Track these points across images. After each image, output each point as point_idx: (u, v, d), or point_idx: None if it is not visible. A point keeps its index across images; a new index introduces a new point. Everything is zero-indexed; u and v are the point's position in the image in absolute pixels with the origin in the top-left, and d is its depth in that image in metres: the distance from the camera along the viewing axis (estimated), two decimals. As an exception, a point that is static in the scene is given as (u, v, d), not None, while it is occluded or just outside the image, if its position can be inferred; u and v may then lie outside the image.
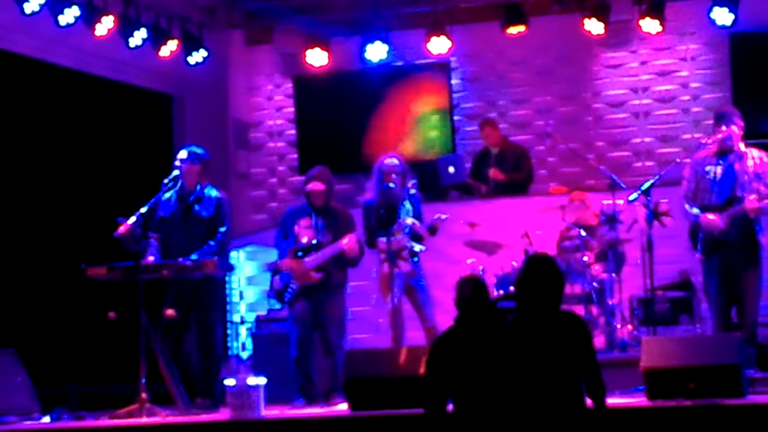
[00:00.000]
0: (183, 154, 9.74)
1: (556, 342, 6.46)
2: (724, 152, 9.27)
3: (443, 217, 10.08)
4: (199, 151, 9.80)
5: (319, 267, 9.76)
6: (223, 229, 9.68)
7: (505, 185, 12.78)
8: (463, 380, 6.69)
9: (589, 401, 6.52)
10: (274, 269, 10.00)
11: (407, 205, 10.02)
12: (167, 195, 9.69)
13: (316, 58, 13.58)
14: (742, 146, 9.29)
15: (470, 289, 6.92)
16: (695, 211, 9.25)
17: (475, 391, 6.65)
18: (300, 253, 9.80)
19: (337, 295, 9.90)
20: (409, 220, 9.96)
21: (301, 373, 9.74)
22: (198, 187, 9.74)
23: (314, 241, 9.82)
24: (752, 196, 9.04)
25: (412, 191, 10.11)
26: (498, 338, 6.69)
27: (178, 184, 9.70)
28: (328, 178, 9.97)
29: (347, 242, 9.70)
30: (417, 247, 9.96)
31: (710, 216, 9.16)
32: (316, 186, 9.89)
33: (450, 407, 6.81)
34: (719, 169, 9.25)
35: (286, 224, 10.00)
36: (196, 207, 9.72)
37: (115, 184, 12.32)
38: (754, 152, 9.27)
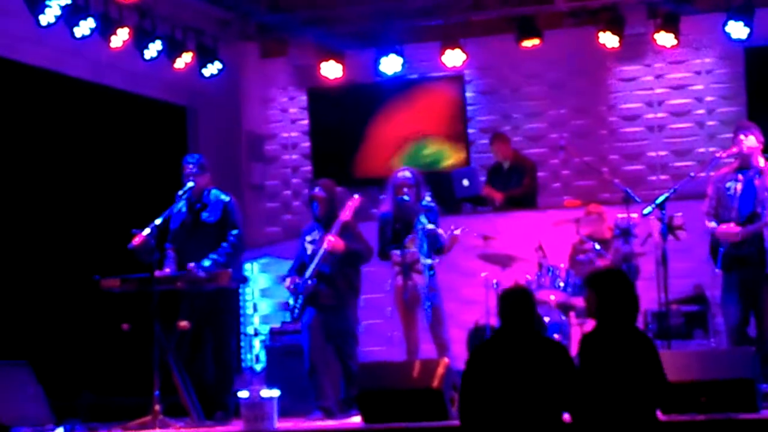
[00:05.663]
0: (191, 167, 9.75)
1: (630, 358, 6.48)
2: (744, 167, 9.26)
3: (457, 232, 9.86)
4: (202, 159, 9.88)
5: (316, 275, 9.77)
6: (235, 232, 9.67)
7: (506, 202, 12.74)
8: (497, 392, 6.61)
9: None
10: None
11: (423, 218, 9.79)
12: (179, 206, 9.71)
13: (331, 70, 13.61)
14: (761, 161, 9.29)
15: (515, 300, 6.83)
16: (712, 224, 9.26)
17: (509, 402, 6.58)
18: (297, 267, 9.93)
19: (347, 307, 9.87)
20: (430, 225, 9.76)
21: (315, 383, 9.73)
22: (204, 194, 9.77)
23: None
24: None
25: (431, 204, 9.96)
26: (541, 350, 6.64)
27: (187, 195, 9.72)
28: (331, 188, 10.03)
29: (327, 242, 9.69)
30: (427, 261, 9.81)
31: (724, 225, 9.16)
32: (319, 193, 9.95)
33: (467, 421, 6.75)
34: (739, 186, 9.24)
35: (300, 242, 10.07)
36: (203, 214, 9.73)
37: (130, 196, 12.36)
38: None
